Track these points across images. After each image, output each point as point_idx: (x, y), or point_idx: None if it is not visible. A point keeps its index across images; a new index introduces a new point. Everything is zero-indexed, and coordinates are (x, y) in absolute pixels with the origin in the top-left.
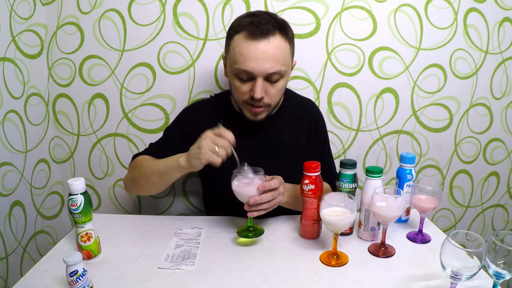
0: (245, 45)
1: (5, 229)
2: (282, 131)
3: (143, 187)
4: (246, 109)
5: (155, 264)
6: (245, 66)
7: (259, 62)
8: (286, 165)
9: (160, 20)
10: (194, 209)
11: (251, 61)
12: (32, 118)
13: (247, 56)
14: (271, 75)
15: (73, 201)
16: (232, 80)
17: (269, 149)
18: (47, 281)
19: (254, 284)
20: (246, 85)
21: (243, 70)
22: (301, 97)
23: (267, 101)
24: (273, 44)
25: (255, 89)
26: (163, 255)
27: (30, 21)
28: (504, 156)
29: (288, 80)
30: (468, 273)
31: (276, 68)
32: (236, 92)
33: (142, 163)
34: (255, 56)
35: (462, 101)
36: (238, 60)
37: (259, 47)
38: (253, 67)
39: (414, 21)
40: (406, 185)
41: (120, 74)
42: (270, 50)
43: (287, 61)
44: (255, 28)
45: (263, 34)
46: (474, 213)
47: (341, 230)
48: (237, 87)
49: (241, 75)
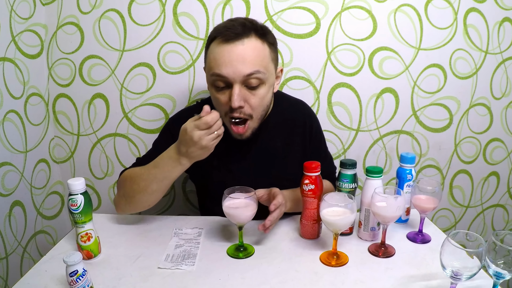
0: (219, 50)
1: (5, 229)
2: (274, 139)
3: (139, 200)
4: (229, 126)
5: (155, 264)
6: (219, 71)
7: (233, 65)
8: (281, 173)
9: (160, 20)
10: (194, 209)
11: (224, 65)
12: (32, 118)
13: (221, 60)
14: (248, 79)
15: (73, 201)
16: (210, 92)
17: (262, 159)
18: (47, 281)
19: (254, 284)
20: (224, 95)
21: (217, 75)
22: (292, 98)
23: (248, 111)
24: (248, 46)
25: (232, 97)
26: (163, 255)
27: (30, 21)
28: (504, 156)
29: (273, 88)
30: (468, 273)
31: (252, 69)
32: (216, 105)
33: (131, 177)
34: (228, 60)
35: (462, 101)
36: (212, 66)
37: (232, 50)
38: (227, 71)
39: (414, 21)
40: (406, 185)
41: (120, 74)
42: (245, 52)
43: (266, 65)
44: (228, 31)
45: (237, 36)
46: (474, 213)
47: (341, 230)
48: (215, 99)
49: (217, 82)
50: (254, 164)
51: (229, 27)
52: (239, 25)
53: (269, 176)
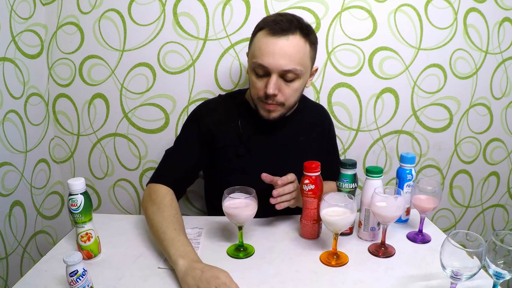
0: (264, 41)
1: (5, 229)
2: (297, 133)
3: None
4: (260, 107)
5: (155, 264)
6: (261, 61)
7: (275, 58)
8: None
9: (160, 20)
10: (194, 209)
11: (267, 56)
12: (32, 118)
13: (265, 51)
14: (286, 73)
15: (73, 201)
16: (249, 75)
17: (283, 148)
18: (47, 281)
19: (254, 284)
20: (262, 81)
21: (259, 64)
22: (314, 102)
23: (280, 99)
24: (291, 42)
25: (269, 85)
26: (163, 255)
27: (30, 21)
28: (504, 156)
29: (306, 84)
30: (468, 273)
31: (291, 66)
32: (252, 87)
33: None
34: (272, 52)
35: (462, 101)
36: (256, 55)
37: (277, 43)
38: (268, 62)
39: (414, 21)
40: (406, 185)
41: (120, 74)
42: (288, 48)
43: (304, 62)
44: (276, 25)
45: (283, 31)
46: (474, 213)
47: (341, 230)
48: (253, 83)
49: (257, 69)
50: (275, 154)
51: (277, 21)
52: (286, 21)
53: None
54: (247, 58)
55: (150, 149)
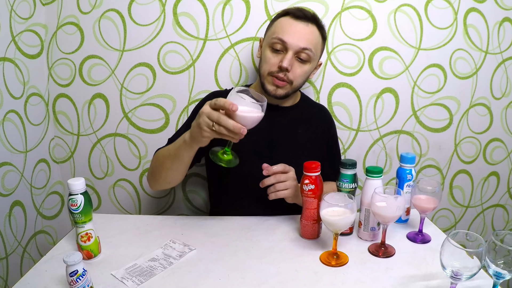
0: (287, 22)
1: (5, 229)
2: (296, 126)
3: (160, 177)
4: (268, 82)
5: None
6: (282, 36)
7: (295, 37)
8: (297, 155)
9: (160, 20)
10: (194, 209)
11: (288, 34)
12: (32, 118)
13: (286, 29)
14: (301, 51)
15: (73, 201)
16: (264, 53)
17: (283, 137)
18: (47, 281)
19: (254, 284)
20: (277, 57)
21: (279, 39)
22: (316, 103)
23: (291, 77)
24: (310, 29)
25: (284, 59)
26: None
27: (30, 21)
28: (504, 156)
29: (313, 71)
30: (468, 273)
31: (307, 45)
32: (265, 63)
33: (158, 152)
34: (293, 31)
35: (462, 101)
36: (277, 31)
37: (299, 25)
38: (288, 38)
39: (414, 21)
40: (406, 185)
41: (120, 74)
42: (306, 31)
43: (317, 49)
44: (299, 12)
45: (305, 17)
46: (474, 213)
47: (341, 230)
48: (267, 58)
49: (276, 44)
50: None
51: (300, 10)
52: (308, 13)
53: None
54: (261, 43)
55: (150, 149)
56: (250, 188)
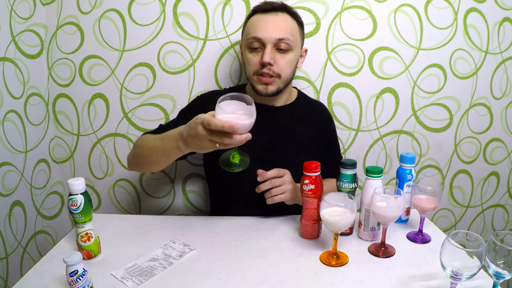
0: (257, 19)
1: (5, 229)
2: (295, 125)
3: (143, 166)
4: (257, 82)
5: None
6: (256, 34)
7: (268, 30)
8: (295, 155)
9: (160, 20)
10: (194, 209)
11: (261, 29)
12: (32, 118)
13: (258, 26)
14: (279, 42)
15: (73, 201)
16: (245, 55)
17: (281, 137)
18: (47, 281)
19: (254, 284)
20: (257, 55)
21: (253, 38)
22: (314, 100)
23: (276, 70)
24: (281, 18)
25: (264, 54)
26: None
27: (30, 21)
28: (504, 156)
29: (298, 64)
30: (468, 273)
31: (283, 35)
32: (248, 65)
33: (143, 140)
34: (264, 25)
35: (462, 101)
36: (250, 31)
37: (269, 18)
38: (262, 34)
39: (414, 21)
40: (406, 185)
41: (120, 74)
42: (278, 21)
43: (294, 35)
44: (266, 5)
45: (273, 8)
46: (474, 213)
47: (341, 230)
48: (248, 59)
49: (252, 44)
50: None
51: (267, 3)
52: (275, 3)
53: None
54: (240, 48)
55: None
56: (250, 190)
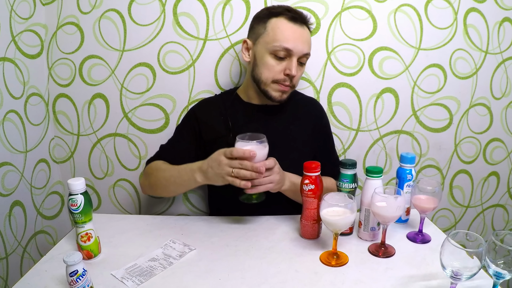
0: (287, 26)
1: (5, 229)
2: (288, 123)
3: (161, 194)
4: (273, 89)
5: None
6: (287, 44)
7: (299, 43)
8: (290, 153)
9: (160, 20)
10: (194, 209)
11: (292, 41)
12: (32, 118)
13: (290, 36)
14: (303, 56)
15: (73, 201)
16: (265, 59)
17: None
18: (47, 281)
19: (254, 284)
20: (281, 64)
21: (284, 48)
22: (306, 96)
23: (294, 81)
24: (306, 31)
25: (292, 67)
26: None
27: (30, 21)
28: (504, 156)
29: None
30: (468, 273)
31: (309, 50)
32: (268, 71)
33: (157, 170)
34: (295, 37)
35: (462, 101)
36: (279, 38)
37: (299, 30)
38: (293, 46)
39: (414, 21)
40: (406, 185)
41: (120, 74)
42: (306, 35)
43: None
44: (295, 14)
45: (302, 20)
46: (474, 213)
47: (341, 230)
48: (270, 66)
49: (279, 52)
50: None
51: (294, 11)
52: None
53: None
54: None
55: (150, 149)
56: None
